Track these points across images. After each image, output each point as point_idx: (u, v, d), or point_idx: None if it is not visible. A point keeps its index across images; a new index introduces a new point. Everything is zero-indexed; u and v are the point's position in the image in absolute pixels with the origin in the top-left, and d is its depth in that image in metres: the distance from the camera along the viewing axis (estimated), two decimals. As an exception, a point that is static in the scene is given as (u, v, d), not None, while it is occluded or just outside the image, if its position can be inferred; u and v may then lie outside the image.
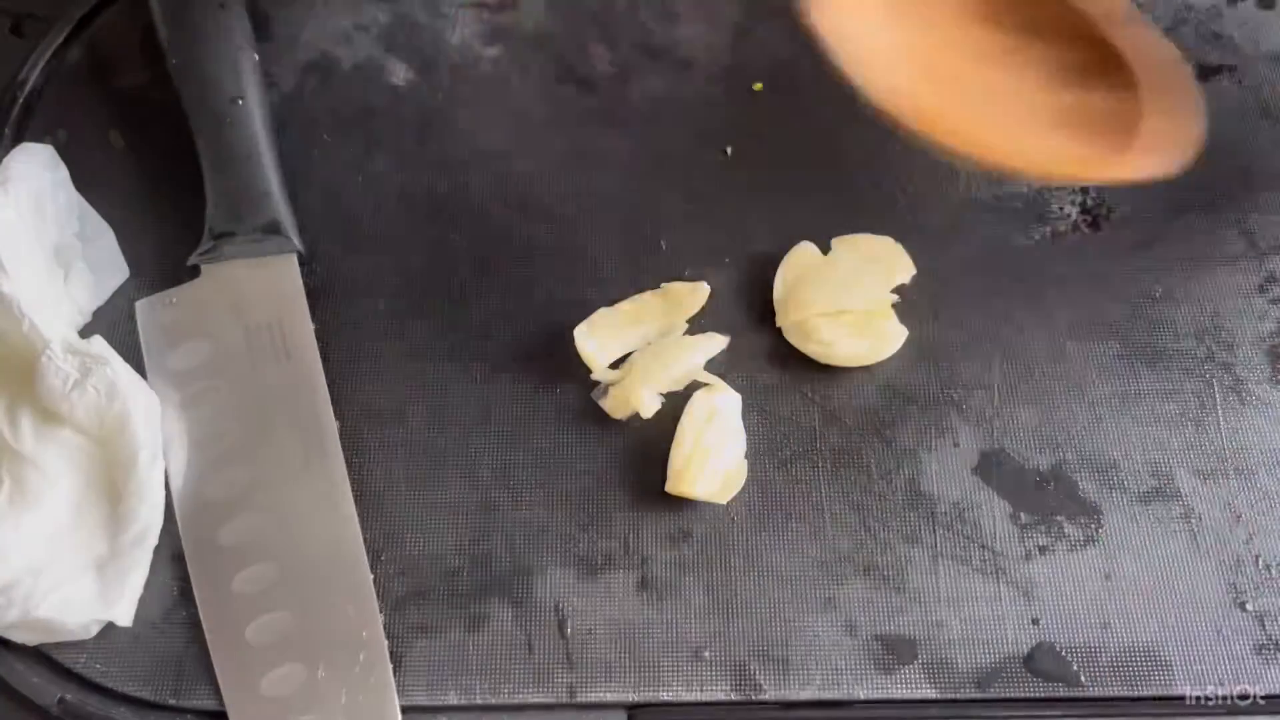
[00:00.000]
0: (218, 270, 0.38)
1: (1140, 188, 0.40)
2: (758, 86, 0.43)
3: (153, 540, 0.34)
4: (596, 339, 0.37)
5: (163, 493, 0.34)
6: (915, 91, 0.32)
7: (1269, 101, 0.43)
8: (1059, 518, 0.35)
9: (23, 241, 0.36)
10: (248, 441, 0.36)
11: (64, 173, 0.38)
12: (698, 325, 0.38)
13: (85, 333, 0.37)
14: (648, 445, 0.36)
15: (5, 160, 0.37)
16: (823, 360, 0.37)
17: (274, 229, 0.38)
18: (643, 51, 0.43)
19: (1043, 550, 0.35)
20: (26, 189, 0.36)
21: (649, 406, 0.36)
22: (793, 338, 0.37)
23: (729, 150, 0.41)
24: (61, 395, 0.34)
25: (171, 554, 0.34)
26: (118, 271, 0.39)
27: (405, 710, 0.32)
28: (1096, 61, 0.32)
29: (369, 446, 0.36)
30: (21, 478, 0.33)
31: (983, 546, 0.35)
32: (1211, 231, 0.40)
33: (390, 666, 0.32)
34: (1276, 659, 0.33)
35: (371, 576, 0.34)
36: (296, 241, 0.38)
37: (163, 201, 0.40)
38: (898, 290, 0.38)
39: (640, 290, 0.38)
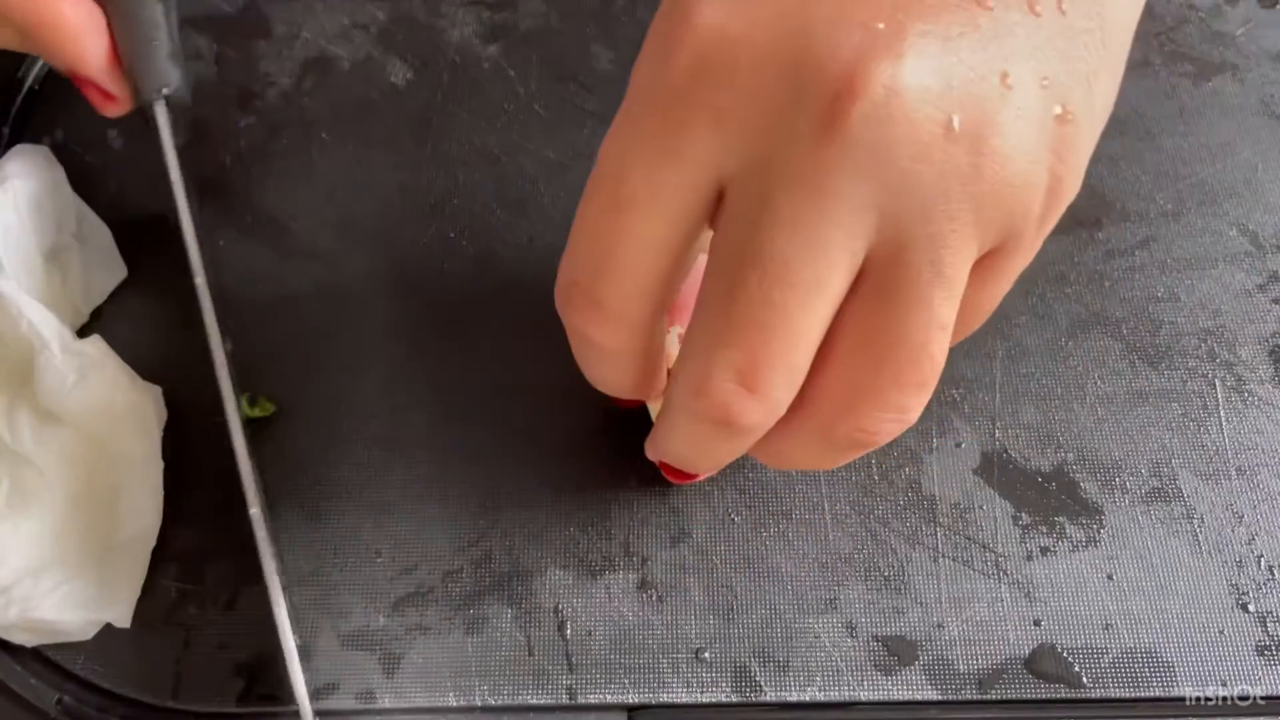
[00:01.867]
0: None
1: (1141, 186, 0.40)
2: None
3: (151, 541, 0.34)
4: None
5: (161, 493, 0.34)
6: None
7: (1270, 100, 0.42)
8: (1060, 518, 0.35)
9: (20, 242, 0.36)
10: None
11: (61, 173, 0.38)
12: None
13: (84, 332, 0.37)
14: (648, 446, 0.36)
15: (1, 161, 0.37)
16: None
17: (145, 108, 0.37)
18: None
19: (1044, 551, 0.34)
20: (23, 189, 0.36)
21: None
22: None
23: (729, 149, 0.41)
24: (60, 395, 0.34)
25: (171, 554, 0.34)
26: (115, 271, 0.39)
27: (404, 712, 0.32)
28: None
29: (368, 445, 0.36)
30: (20, 478, 0.33)
31: (984, 547, 0.35)
32: (1213, 231, 0.40)
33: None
34: (1278, 660, 0.33)
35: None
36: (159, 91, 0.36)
37: (162, 201, 0.40)
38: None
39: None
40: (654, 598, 0.34)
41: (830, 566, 0.34)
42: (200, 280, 0.35)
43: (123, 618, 0.33)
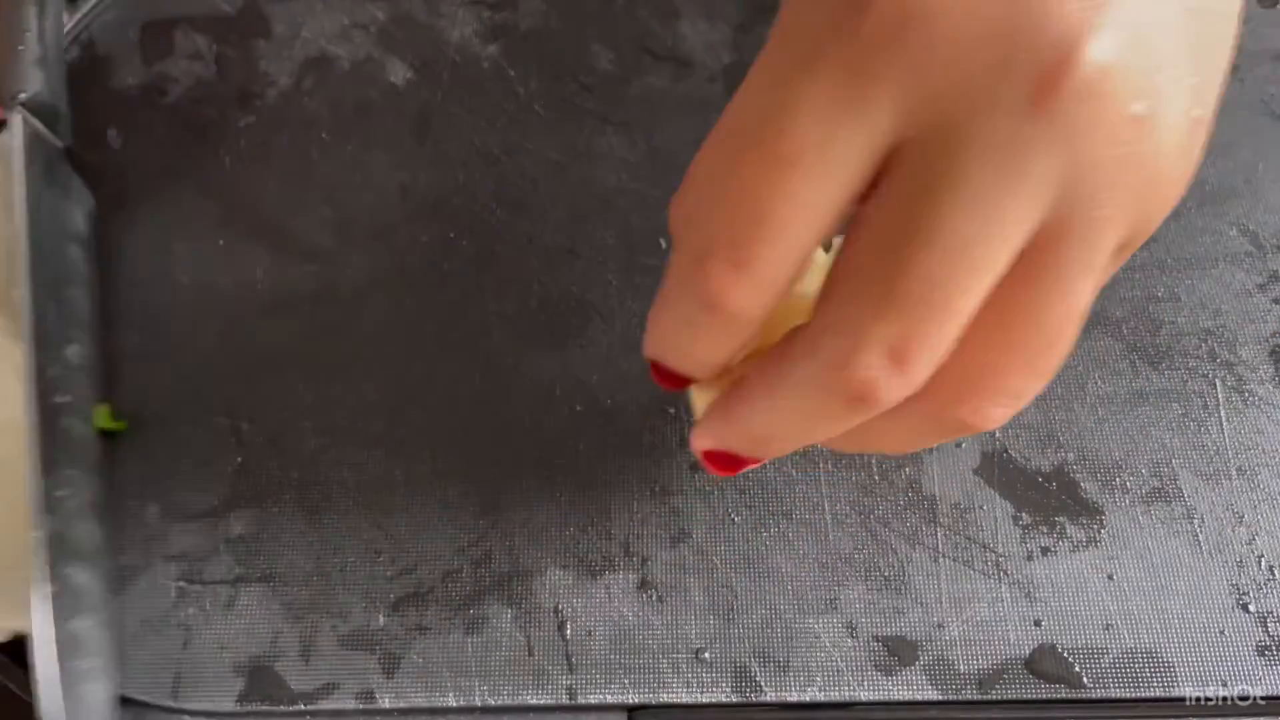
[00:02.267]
0: None
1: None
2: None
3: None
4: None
5: None
6: None
7: (1270, 100, 0.42)
8: (1061, 518, 0.35)
9: None
10: None
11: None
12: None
13: None
14: (649, 446, 0.36)
15: None
16: None
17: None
18: (643, 51, 0.43)
19: (1045, 551, 0.34)
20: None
21: None
22: None
23: (729, 149, 0.41)
24: None
25: (171, 554, 0.34)
26: None
27: (405, 712, 0.32)
28: None
29: (368, 446, 0.36)
30: None
31: (984, 547, 0.34)
32: (1214, 230, 0.40)
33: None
34: (1278, 660, 0.33)
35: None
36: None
37: (161, 202, 0.40)
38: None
39: (638, 290, 0.38)
40: (654, 598, 0.34)
41: (830, 566, 0.34)
42: (21, 291, 0.34)
43: (30, 625, 0.31)
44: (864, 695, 0.32)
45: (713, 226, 0.23)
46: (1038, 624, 0.33)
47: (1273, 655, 0.33)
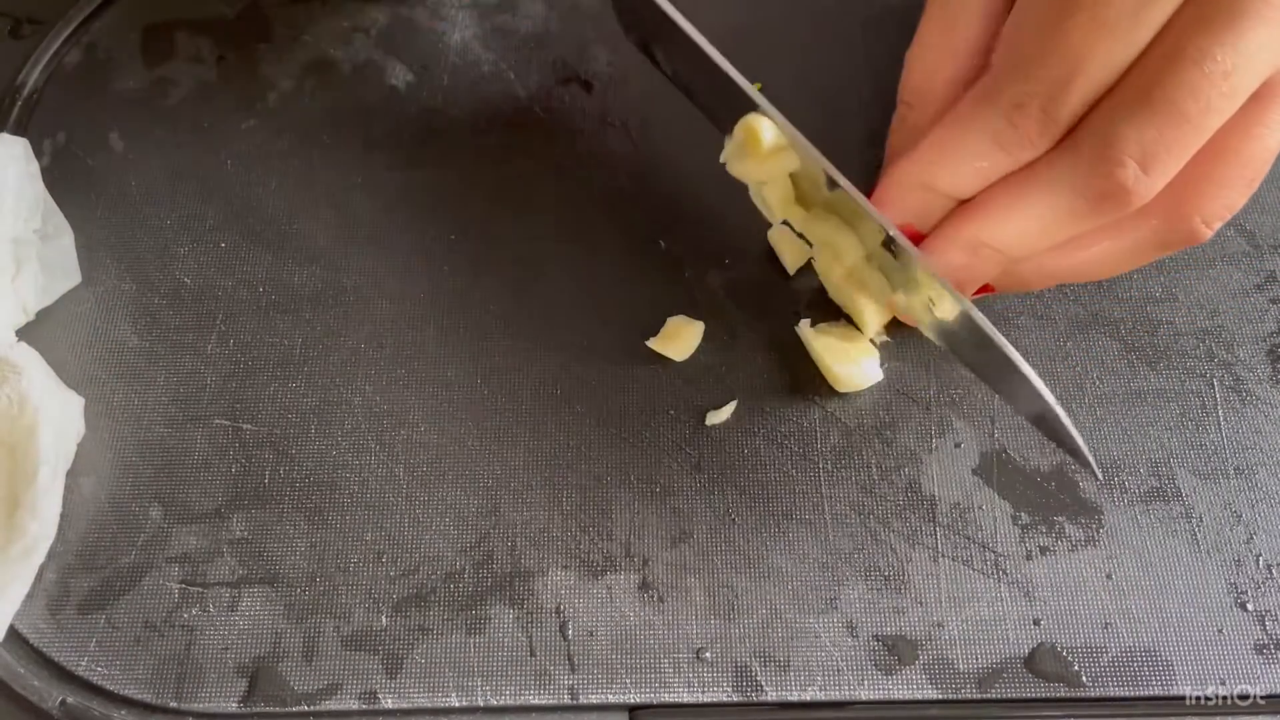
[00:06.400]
0: None
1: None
2: (757, 86, 0.43)
3: (39, 558, 0.33)
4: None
5: (58, 510, 0.34)
6: None
7: (1269, 101, 0.42)
8: (1059, 518, 0.35)
9: None
10: None
11: (35, 167, 0.38)
12: (706, 320, 0.38)
13: (28, 332, 0.37)
14: (649, 446, 0.36)
15: None
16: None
17: None
18: (643, 51, 0.43)
19: (1043, 550, 0.35)
20: None
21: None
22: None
23: (729, 151, 0.41)
24: None
25: (173, 555, 0.35)
26: (70, 275, 0.38)
27: (407, 713, 0.32)
28: None
29: (370, 447, 0.36)
30: None
31: (983, 547, 0.35)
32: (1211, 231, 0.40)
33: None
34: (1277, 658, 0.33)
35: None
36: None
37: (163, 204, 0.40)
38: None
39: (637, 290, 0.38)
40: (655, 598, 0.34)
41: (830, 566, 0.34)
42: None
43: None
44: (864, 694, 0.33)
45: (1025, 82, 0.28)
46: (1037, 623, 0.34)
47: (1271, 654, 0.33)
